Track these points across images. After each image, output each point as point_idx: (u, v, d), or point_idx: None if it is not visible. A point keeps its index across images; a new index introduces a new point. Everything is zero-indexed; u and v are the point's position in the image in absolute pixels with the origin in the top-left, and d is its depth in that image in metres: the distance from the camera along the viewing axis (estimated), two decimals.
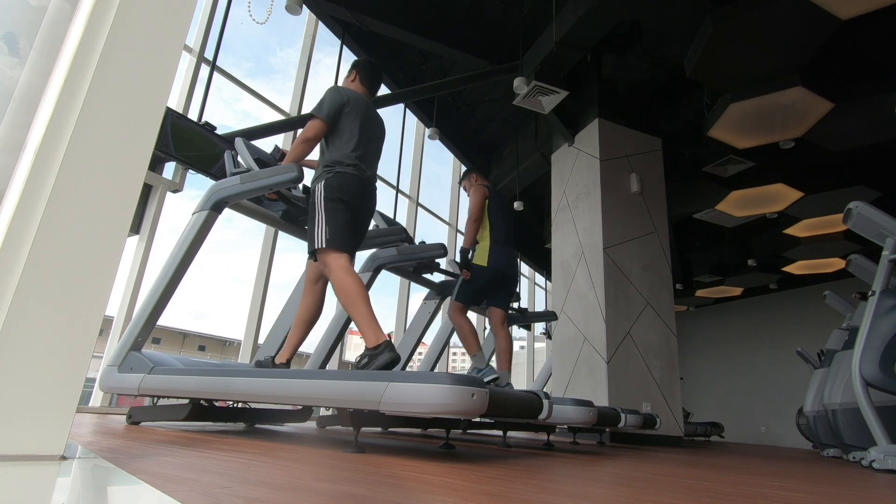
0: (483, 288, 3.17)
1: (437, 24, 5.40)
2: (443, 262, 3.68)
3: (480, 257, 3.16)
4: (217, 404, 2.29)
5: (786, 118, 5.17)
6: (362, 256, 3.12)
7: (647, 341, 4.85)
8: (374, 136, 2.35)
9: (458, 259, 3.14)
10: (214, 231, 2.30)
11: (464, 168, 7.95)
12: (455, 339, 3.41)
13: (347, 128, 2.23)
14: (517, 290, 3.74)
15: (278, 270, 4.64)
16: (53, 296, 0.92)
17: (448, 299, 3.85)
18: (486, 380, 2.91)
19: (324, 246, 2.05)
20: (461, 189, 3.62)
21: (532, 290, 10.82)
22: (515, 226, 3.45)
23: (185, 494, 0.70)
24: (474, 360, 3.09)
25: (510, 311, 4.35)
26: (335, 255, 2.05)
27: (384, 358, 1.84)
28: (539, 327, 8.70)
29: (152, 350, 2.48)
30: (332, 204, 2.11)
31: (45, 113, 0.95)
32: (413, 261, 3.10)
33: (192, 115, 3.97)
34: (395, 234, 3.07)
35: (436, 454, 1.79)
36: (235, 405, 2.52)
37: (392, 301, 6.39)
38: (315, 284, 2.28)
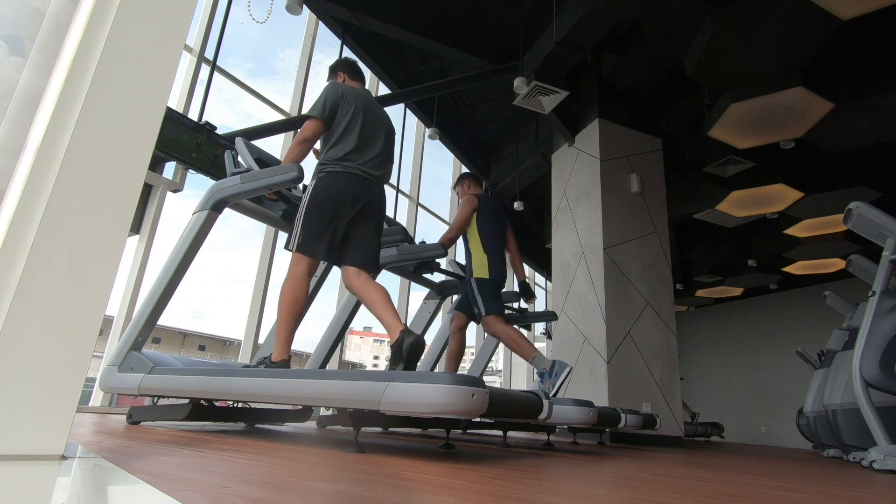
0: (498, 294, 3.19)
1: (437, 24, 5.40)
2: (443, 262, 3.67)
3: (481, 270, 3.18)
4: (217, 404, 2.29)
5: (786, 118, 5.17)
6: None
7: (647, 341, 4.85)
8: (376, 129, 2.30)
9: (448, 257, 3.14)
10: (215, 230, 2.30)
11: (464, 168, 7.95)
12: None
13: (342, 121, 2.22)
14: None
15: (278, 270, 4.64)
16: (53, 296, 0.92)
17: (447, 300, 3.85)
18: (564, 373, 2.88)
19: (293, 249, 2.12)
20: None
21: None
22: (511, 229, 3.47)
23: (185, 494, 0.70)
24: (534, 362, 3.00)
25: (509, 312, 4.34)
26: (298, 259, 2.11)
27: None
28: (539, 327, 8.71)
29: (152, 350, 2.48)
30: (313, 206, 2.12)
31: (46, 113, 0.95)
32: (413, 261, 3.10)
33: (193, 115, 3.97)
34: (395, 234, 3.07)
35: (436, 454, 1.79)
36: (235, 405, 2.52)
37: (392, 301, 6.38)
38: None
